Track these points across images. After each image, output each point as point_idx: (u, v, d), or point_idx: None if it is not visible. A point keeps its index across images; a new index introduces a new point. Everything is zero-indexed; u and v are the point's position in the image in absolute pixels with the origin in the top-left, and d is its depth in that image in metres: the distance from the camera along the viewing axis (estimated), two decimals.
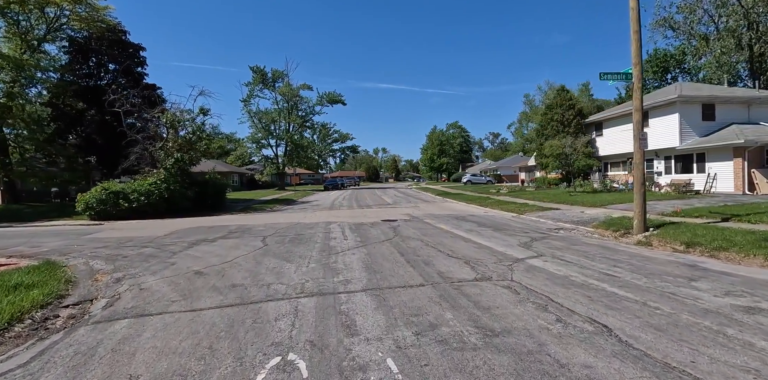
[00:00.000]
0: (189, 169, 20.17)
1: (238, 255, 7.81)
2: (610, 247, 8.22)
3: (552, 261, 6.63)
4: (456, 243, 8.58)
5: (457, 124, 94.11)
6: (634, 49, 10.23)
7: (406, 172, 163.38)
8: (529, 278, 5.46)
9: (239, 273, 6.24)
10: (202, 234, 11.08)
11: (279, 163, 49.41)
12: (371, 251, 7.78)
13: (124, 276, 6.48)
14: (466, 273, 5.77)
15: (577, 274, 5.65)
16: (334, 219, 14.20)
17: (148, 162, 19.38)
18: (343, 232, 10.68)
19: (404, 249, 7.85)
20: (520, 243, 8.46)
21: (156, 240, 10.41)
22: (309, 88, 48.38)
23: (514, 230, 10.81)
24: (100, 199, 17.34)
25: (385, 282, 5.36)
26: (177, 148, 19.29)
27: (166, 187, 18.37)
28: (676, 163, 22.35)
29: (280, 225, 12.90)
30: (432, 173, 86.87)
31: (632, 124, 10.44)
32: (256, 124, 47.53)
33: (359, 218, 14.56)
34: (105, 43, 24.92)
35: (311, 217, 15.52)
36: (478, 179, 49.31)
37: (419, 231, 10.51)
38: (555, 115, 29.05)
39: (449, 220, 13.32)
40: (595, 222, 11.94)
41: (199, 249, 8.65)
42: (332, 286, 5.27)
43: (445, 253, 7.37)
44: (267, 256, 7.55)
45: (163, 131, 19.49)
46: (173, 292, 5.37)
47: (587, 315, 3.94)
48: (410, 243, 8.66)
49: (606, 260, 6.70)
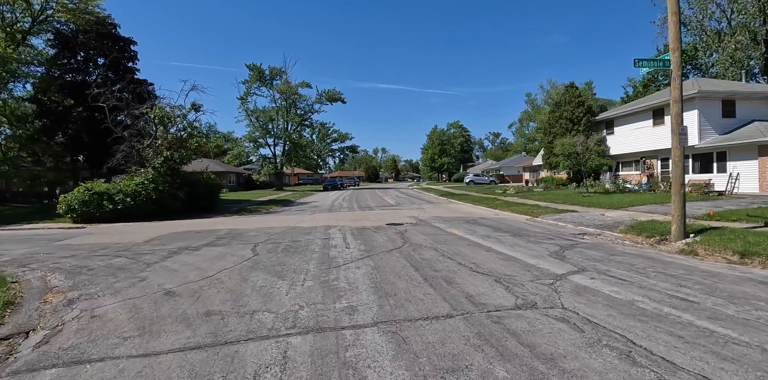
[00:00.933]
0: (180, 168, 18.97)
1: (222, 268, 6.63)
2: (654, 258, 7.07)
3: (600, 278, 5.46)
4: (477, 253, 7.41)
5: (458, 124, 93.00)
6: (672, 33, 9.08)
7: (406, 172, 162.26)
8: (584, 304, 4.29)
9: (218, 295, 5.06)
10: (186, 241, 9.89)
11: (277, 162, 48.20)
12: (379, 264, 6.60)
13: (79, 297, 5.30)
14: (502, 297, 4.60)
15: (642, 298, 4.49)
16: (334, 223, 13.02)
17: (135, 161, 18.17)
18: (345, 239, 9.50)
19: (417, 262, 6.67)
20: (550, 253, 7.30)
21: (134, 247, 9.22)
22: (308, 86, 47.22)
23: (535, 236, 9.65)
24: (83, 201, 16.13)
25: (402, 311, 4.18)
26: (167, 145, 18.09)
27: (154, 187, 17.17)
28: (694, 163, 21.21)
29: (274, 229, 11.71)
30: (433, 173, 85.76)
31: (668, 117, 9.34)
32: (254, 122, 46.31)
33: (361, 221, 13.39)
34: (93, 36, 23.66)
35: (309, 221, 14.34)
36: (481, 179, 48.14)
37: (430, 238, 9.34)
38: (564, 112, 27.90)
39: (460, 224, 12.15)
40: (622, 226, 10.81)
41: (178, 260, 7.46)
42: (333, 316, 4.10)
43: (468, 267, 6.20)
44: (255, 270, 6.37)
45: (151, 128, 18.27)
46: (130, 323, 4.19)
47: (698, 372, 2.77)
48: (423, 253, 7.49)
49: (663, 276, 5.54)
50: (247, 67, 46.00)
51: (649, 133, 23.25)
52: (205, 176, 20.89)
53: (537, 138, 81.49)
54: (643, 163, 24.17)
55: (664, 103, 22.06)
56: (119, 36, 25.87)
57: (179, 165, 18.49)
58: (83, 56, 24.79)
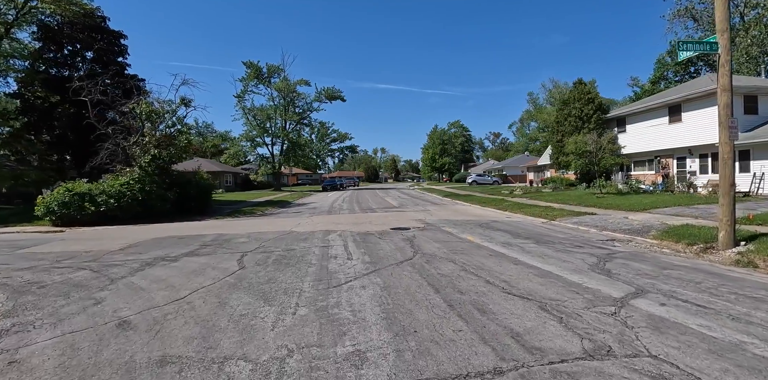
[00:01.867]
0: (169, 167, 17.79)
1: (199, 286, 5.47)
2: (715, 272, 5.93)
3: (672, 303, 4.31)
4: (504, 266, 6.26)
5: (458, 123, 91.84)
6: (720, 12, 7.94)
7: (406, 172, 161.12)
8: (677, 349, 3.14)
9: (185, 328, 3.90)
10: (166, 249, 8.72)
11: (275, 162, 47.00)
12: (389, 281, 5.44)
13: (10, 328, 4.15)
14: (560, 336, 3.44)
15: (749, 338, 3.34)
16: (334, 227, 11.86)
17: (121, 159, 16.98)
18: (346, 247, 8.35)
19: (435, 279, 5.51)
20: (590, 267, 6.15)
21: (105, 257, 8.05)
22: (307, 84, 46.04)
23: (562, 243, 8.51)
24: (63, 202, 14.94)
25: (429, 362, 3.02)
26: (154, 143, 16.90)
27: (140, 187, 15.98)
28: (713, 162, 20.08)
29: (267, 235, 10.53)
30: (433, 173, 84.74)
31: (716, 109, 8.24)
32: (251, 121, 45.08)
33: (364, 225, 12.22)
34: (80, 28, 22.45)
35: (307, 224, 13.17)
36: (484, 179, 46.98)
37: (444, 246, 8.18)
38: (573, 109, 26.76)
39: (473, 229, 11.00)
40: (653, 231, 9.68)
41: (149, 275, 6.30)
42: (334, 370, 2.94)
43: (499, 287, 5.04)
44: (238, 290, 5.21)
45: (138, 124, 17.09)
46: (54, 376, 3.04)
47: None
48: (440, 266, 6.33)
49: (748, 300, 4.40)
50: (245, 65, 44.80)
51: (664, 131, 22.14)
52: (198, 176, 19.74)
53: (539, 137, 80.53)
54: (657, 162, 23.05)
55: (681, 99, 20.96)
56: (108, 29, 24.68)
57: (168, 164, 17.31)
58: (70, 50, 23.60)
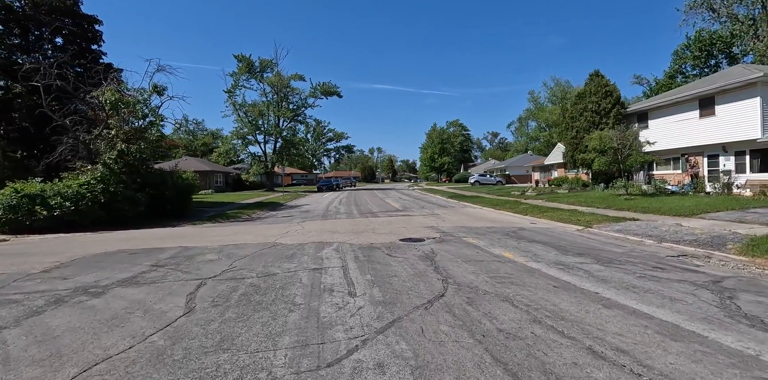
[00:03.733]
0: (142, 165, 15.52)
1: (99, 356, 3.24)
2: None
3: None
4: (591, 311, 4.07)
5: (457, 122, 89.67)
6: None
7: (403, 172, 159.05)
8: None
9: None
10: (102, 271, 6.49)
11: (267, 161, 44.68)
12: (420, 351, 3.21)
13: None
14: None
15: None
16: (330, 238, 9.64)
17: (83, 155, 14.69)
18: (346, 270, 6.15)
19: (499, 346, 3.31)
20: (718, 308, 3.99)
21: (12, 284, 5.80)
22: (301, 79, 43.77)
23: (629, 262, 6.39)
24: (9, 206, 12.65)
25: None
26: (123, 137, 14.62)
27: (103, 188, 13.69)
28: (752, 159, 18.04)
29: (244, 249, 8.30)
30: (432, 173, 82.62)
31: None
32: (242, 117, 42.73)
33: (366, 235, 10.02)
34: (46, 10, 20.08)
35: (297, 233, 10.93)
36: (487, 180, 44.88)
37: (479, 269, 6.00)
38: (589, 103, 24.69)
39: (502, 239, 8.83)
40: (730, 244, 7.62)
41: (41, 324, 4.07)
42: None
43: (619, 364, 2.87)
44: (159, 370, 3.00)
45: (103, 115, 14.80)
46: None
47: None
48: (493, 311, 4.13)
49: None
50: (236, 58, 42.45)
51: (693, 126, 20.10)
52: (176, 175, 17.46)
53: (540, 137, 78.68)
54: (685, 160, 21.02)
55: (715, 91, 18.91)
56: (80, 13, 22.28)
57: (139, 161, 15.03)
58: (36, 35, 21.21)
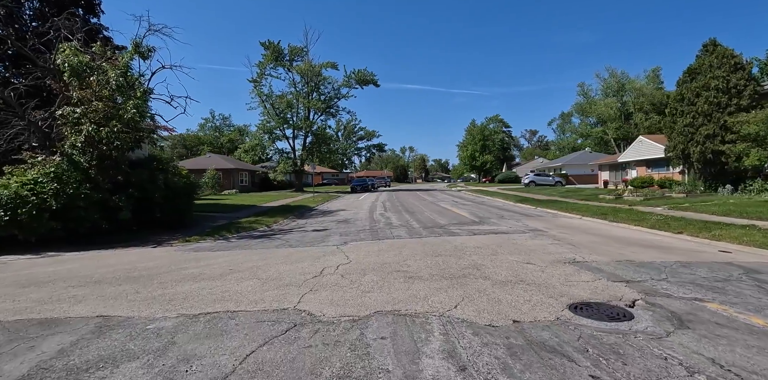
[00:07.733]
0: (121, 155, 11.23)
1: None
2: None
3: None
4: None
5: (497, 118, 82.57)
6: None
7: (435, 172, 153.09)
8: None
9: None
10: None
11: (296, 158, 40.57)
12: None
13: None
14: None
15: None
16: (407, 294, 4.66)
17: (40, 143, 10.54)
18: None
19: None
20: None
21: None
22: (334, 67, 39.18)
23: None
24: None
25: None
26: (92, 117, 10.34)
27: (57, 188, 9.43)
28: None
29: (225, 339, 3.51)
30: (473, 173, 76.53)
31: None
32: (269, 110, 38.77)
33: (476, 285, 4.95)
34: None
35: (338, 276, 6.02)
36: (545, 180, 38.83)
37: None
38: (712, 80, 18.67)
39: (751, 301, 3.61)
40: None
41: None
42: None
43: None
44: None
45: (61, 85, 10.56)
46: None
47: None
48: None
49: None
50: (262, 46, 38.36)
51: None
52: (171, 172, 13.12)
53: (592, 133, 70.94)
54: None
55: None
56: None
57: (115, 149, 10.71)
58: None
